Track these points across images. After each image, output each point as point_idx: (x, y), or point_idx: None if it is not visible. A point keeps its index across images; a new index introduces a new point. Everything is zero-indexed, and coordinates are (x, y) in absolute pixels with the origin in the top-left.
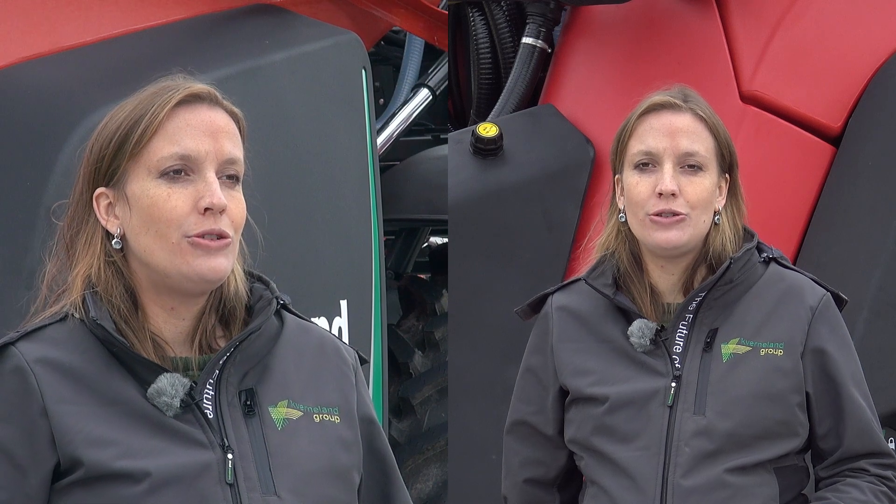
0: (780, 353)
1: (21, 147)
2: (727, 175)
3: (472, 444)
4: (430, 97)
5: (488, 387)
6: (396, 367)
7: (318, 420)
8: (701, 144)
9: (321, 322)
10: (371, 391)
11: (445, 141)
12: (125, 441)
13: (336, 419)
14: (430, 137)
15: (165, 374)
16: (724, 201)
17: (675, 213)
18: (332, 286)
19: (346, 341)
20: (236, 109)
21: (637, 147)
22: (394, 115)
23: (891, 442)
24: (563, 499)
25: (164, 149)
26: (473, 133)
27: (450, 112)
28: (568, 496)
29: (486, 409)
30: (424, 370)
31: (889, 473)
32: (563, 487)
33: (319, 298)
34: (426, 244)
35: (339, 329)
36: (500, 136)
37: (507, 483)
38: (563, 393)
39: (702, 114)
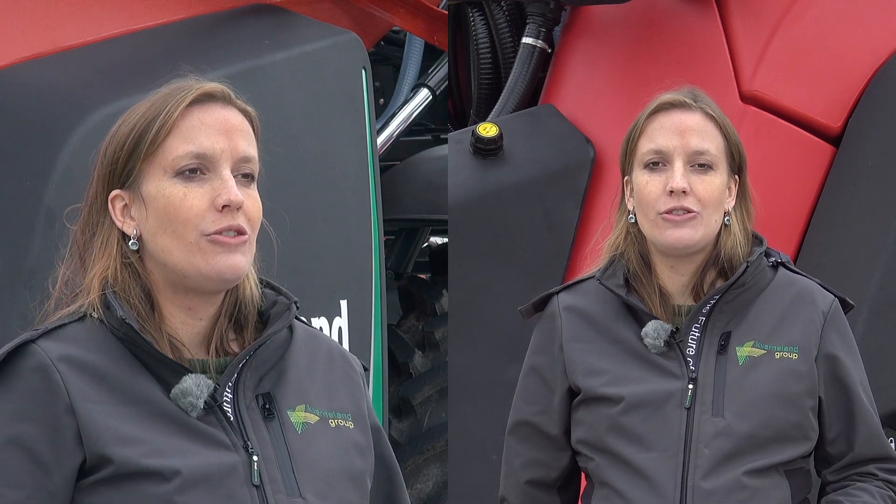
0: (794, 356)
1: (21, 147)
2: (736, 176)
3: (472, 444)
4: (430, 97)
5: (488, 387)
6: (396, 367)
7: (333, 425)
8: (711, 143)
9: (321, 322)
10: (371, 391)
11: (445, 141)
12: (152, 440)
13: (350, 424)
14: (430, 137)
15: (190, 374)
16: (733, 202)
17: (686, 211)
18: (332, 286)
19: (347, 341)
20: (249, 108)
21: (647, 146)
22: (394, 115)
23: (891, 441)
24: (563, 500)
25: (179, 148)
26: (473, 133)
27: (450, 112)
28: (568, 498)
29: (486, 409)
30: (424, 370)
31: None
32: (564, 489)
33: (319, 298)
34: (426, 244)
35: (339, 329)
36: (500, 136)
37: (506, 484)
38: (571, 393)
39: (712, 113)
